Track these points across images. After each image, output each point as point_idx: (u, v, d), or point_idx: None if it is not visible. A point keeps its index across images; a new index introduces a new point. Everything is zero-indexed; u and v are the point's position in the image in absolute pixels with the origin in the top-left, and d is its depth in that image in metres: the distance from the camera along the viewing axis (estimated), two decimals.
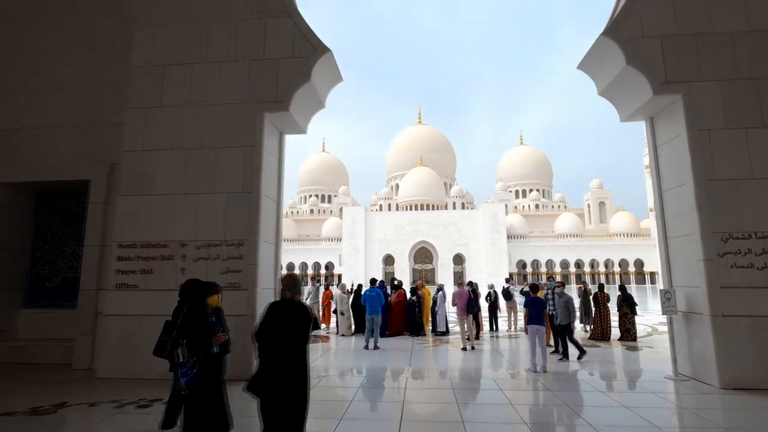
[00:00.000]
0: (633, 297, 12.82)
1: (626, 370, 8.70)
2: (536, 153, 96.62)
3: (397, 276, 74.29)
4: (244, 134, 7.88)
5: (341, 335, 13.09)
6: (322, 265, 76.30)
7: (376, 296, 10.68)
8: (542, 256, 75.53)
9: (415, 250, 75.30)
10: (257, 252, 7.52)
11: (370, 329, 10.51)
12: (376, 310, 10.52)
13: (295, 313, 3.81)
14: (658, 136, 8.22)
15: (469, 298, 10.72)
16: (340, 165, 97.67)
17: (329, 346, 11.70)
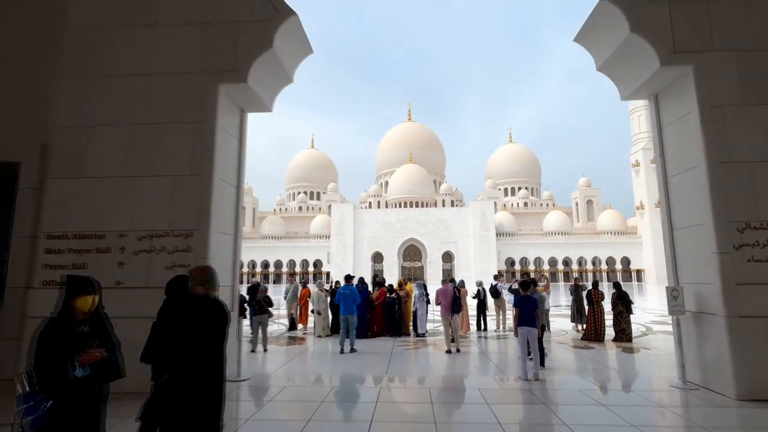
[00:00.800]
0: (628, 295, 11.98)
1: (627, 377, 7.77)
2: (525, 151, 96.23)
3: (386, 274, 73.48)
4: (195, 108, 6.80)
5: (318, 336, 12.08)
6: (311, 262, 75.04)
7: (351, 294, 9.63)
8: (531, 254, 75.17)
9: (404, 248, 74.43)
10: (208, 244, 6.46)
11: (344, 331, 9.48)
12: (351, 310, 9.49)
13: (205, 311, 3.04)
14: (664, 115, 7.31)
15: (454, 296, 9.75)
16: (329, 161, 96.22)
17: (303, 348, 10.67)
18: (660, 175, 7.34)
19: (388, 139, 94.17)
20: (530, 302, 7.37)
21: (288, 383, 7.14)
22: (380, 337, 11.96)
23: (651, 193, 70.07)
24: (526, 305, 7.33)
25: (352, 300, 9.61)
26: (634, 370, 8.30)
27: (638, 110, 72.21)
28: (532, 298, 7.47)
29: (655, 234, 69.15)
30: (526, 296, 7.47)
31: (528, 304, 7.34)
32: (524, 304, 7.36)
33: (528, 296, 7.47)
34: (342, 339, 9.46)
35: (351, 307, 9.50)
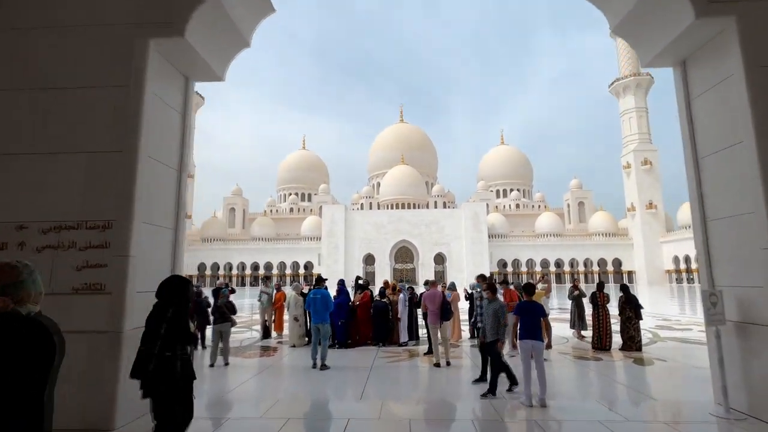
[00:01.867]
0: (637, 299, 10.70)
1: (653, 401, 6.38)
2: (517, 153, 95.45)
3: (377, 276, 71.96)
4: (119, 69, 5.38)
5: (292, 346, 10.65)
6: (301, 264, 73.38)
7: (322, 300, 8.19)
8: (523, 256, 74.17)
9: (396, 250, 73.08)
10: (130, 238, 5.04)
11: (315, 342, 8.07)
12: (323, 318, 8.06)
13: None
14: (694, 83, 6.02)
15: (444, 301, 8.39)
16: (320, 163, 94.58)
17: (271, 361, 9.24)
18: (689, 157, 6.04)
19: (380, 140, 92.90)
20: (534, 310, 6.03)
21: (232, 414, 5.72)
22: (363, 346, 10.58)
23: (642, 195, 69.46)
24: (529, 313, 5.98)
25: (323, 306, 8.19)
26: (658, 390, 6.95)
27: (629, 112, 71.68)
28: (537, 305, 6.13)
29: (646, 236, 68.52)
30: (530, 302, 6.13)
31: (532, 312, 6.00)
32: (527, 311, 6.01)
33: (532, 303, 6.13)
34: (312, 352, 8.04)
35: (322, 315, 8.08)
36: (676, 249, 65.19)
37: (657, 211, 68.82)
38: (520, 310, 6.07)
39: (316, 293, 8.22)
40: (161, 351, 3.48)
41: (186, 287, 3.81)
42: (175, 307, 3.65)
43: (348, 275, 70.67)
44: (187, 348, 3.74)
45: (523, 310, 6.06)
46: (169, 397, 3.52)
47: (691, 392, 6.49)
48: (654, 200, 69.24)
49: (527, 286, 6.44)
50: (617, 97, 74.08)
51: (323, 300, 8.12)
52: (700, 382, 7.08)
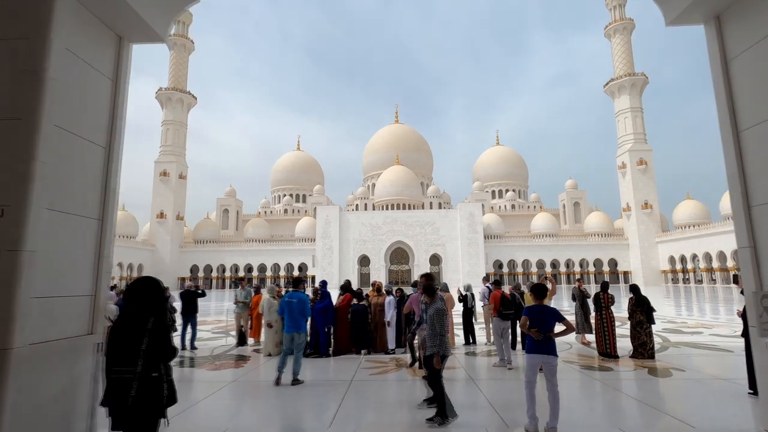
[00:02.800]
0: (649, 300, 9.62)
1: (686, 426, 5.22)
2: (512, 153, 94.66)
3: (373, 277, 70.75)
4: (21, 16, 4.25)
5: (267, 355, 9.50)
6: (296, 266, 72.13)
7: (298, 305, 7.02)
8: (519, 257, 73.24)
9: (391, 251, 71.98)
10: (25, 228, 3.89)
11: (286, 353, 6.92)
12: (297, 326, 6.91)
13: None
14: (731, 42, 4.95)
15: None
16: (315, 164, 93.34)
17: (238, 374, 8.08)
18: (726, 130, 4.96)
19: (375, 141, 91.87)
20: (547, 315, 4.90)
21: None
22: (347, 355, 9.45)
23: (637, 195, 68.73)
24: (540, 319, 4.87)
25: (299, 312, 7.04)
26: (687, 410, 5.81)
27: (624, 112, 71.02)
28: (550, 309, 5.01)
29: (642, 236, 67.76)
30: (540, 306, 5.02)
31: (543, 317, 4.88)
32: (538, 317, 4.90)
33: (543, 306, 5.02)
34: (280, 364, 6.85)
35: (297, 322, 6.93)
36: (671, 249, 64.47)
37: (652, 211, 68.10)
38: (532, 315, 4.95)
39: (292, 296, 7.05)
40: (145, 371, 2.97)
41: (164, 292, 3.38)
42: (156, 317, 3.17)
43: (342, 277, 69.37)
44: (170, 367, 3.25)
45: (533, 315, 4.93)
46: (153, 427, 3.02)
47: (725, 413, 5.40)
48: (649, 200, 68.54)
49: (536, 288, 5.29)
50: (612, 97, 73.42)
51: (300, 305, 6.96)
52: (730, 398, 6.01)
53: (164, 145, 69.40)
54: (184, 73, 71.73)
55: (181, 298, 10.98)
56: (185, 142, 71.16)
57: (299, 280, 7.32)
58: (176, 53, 71.10)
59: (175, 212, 68.24)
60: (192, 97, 71.79)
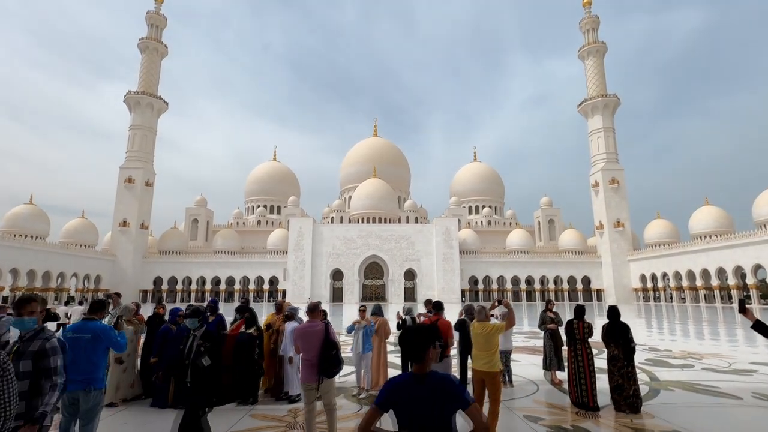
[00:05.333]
0: (629, 329, 7.21)
1: None
2: (489, 170, 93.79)
3: (346, 293, 67.49)
4: None
5: (110, 404, 6.59)
6: (266, 279, 68.46)
7: (91, 343, 4.28)
8: (494, 273, 71.39)
9: (365, 265, 69.16)
10: None
11: (68, 426, 4.18)
12: (88, 379, 4.11)
13: None
14: None
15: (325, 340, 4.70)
16: (291, 175, 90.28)
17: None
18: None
19: (353, 153, 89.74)
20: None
21: None
22: (227, 405, 6.72)
23: (610, 213, 68.11)
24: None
25: (89, 354, 4.25)
26: None
27: (597, 132, 70.87)
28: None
29: (614, 254, 66.85)
30: None
31: None
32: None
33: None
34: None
35: (87, 372, 4.15)
36: (642, 267, 63.66)
37: (624, 229, 67.46)
38: None
39: (82, 329, 4.29)
40: None
41: None
42: None
43: (314, 291, 66.07)
44: None
45: None
46: None
47: None
48: (621, 219, 67.95)
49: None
50: (586, 117, 73.38)
51: (92, 343, 4.22)
52: None
53: (131, 151, 65.55)
54: (156, 77, 68.48)
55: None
56: (153, 148, 67.49)
57: (100, 304, 4.54)
58: (148, 56, 67.89)
59: (140, 221, 64.11)
60: (163, 102, 68.41)
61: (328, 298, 65.48)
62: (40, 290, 50.50)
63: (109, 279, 61.21)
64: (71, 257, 55.51)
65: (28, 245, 50.15)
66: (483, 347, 5.64)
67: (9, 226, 53.17)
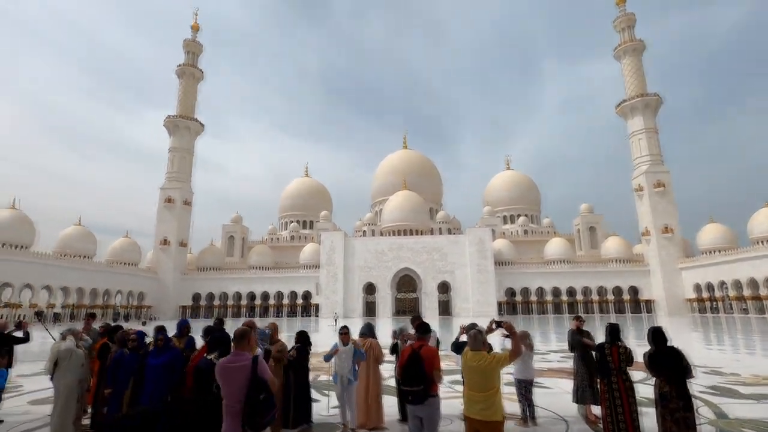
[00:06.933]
0: (682, 355, 5.44)
1: None
2: (524, 178, 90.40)
3: (379, 307, 65.84)
4: None
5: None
6: (299, 294, 68.32)
7: None
8: (532, 284, 67.85)
9: (398, 278, 67.64)
10: None
11: None
12: None
13: None
14: None
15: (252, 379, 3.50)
16: (323, 190, 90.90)
17: None
18: None
19: (384, 166, 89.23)
20: None
21: None
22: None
23: (657, 219, 63.33)
24: None
25: None
26: None
27: (638, 134, 66.61)
28: None
29: (663, 262, 61.81)
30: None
31: None
32: None
33: None
34: None
35: None
36: (697, 276, 58.30)
37: (673, 235, 62.42)
38: None
39: None
40: None
41: None
42: None
43: (347, 305, 65.10)
44: None
45: None
46: None
47: None
48: (670, 224, 62.99)
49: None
50: (625, 118, 69.34)
51: None
52: None
53: (170, 172, 68.07)
54: (192, 101, 71.19)
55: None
56: (191, 169, 69.80)
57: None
58: (185, 82, 70.80)
59: (179, 239, 66.01)
60: (199, 124, 70.87)
61: (361, 312, 64.37)
62: (88, 307, 52.50)
63: (152, 295, 63.07)
64: (116, 275, 57.65)
65: (77, 264, 52.46)
66: (478, 386, 4.24)
67: (60, 246, 56.00)
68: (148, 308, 61.87)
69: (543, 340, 22.08)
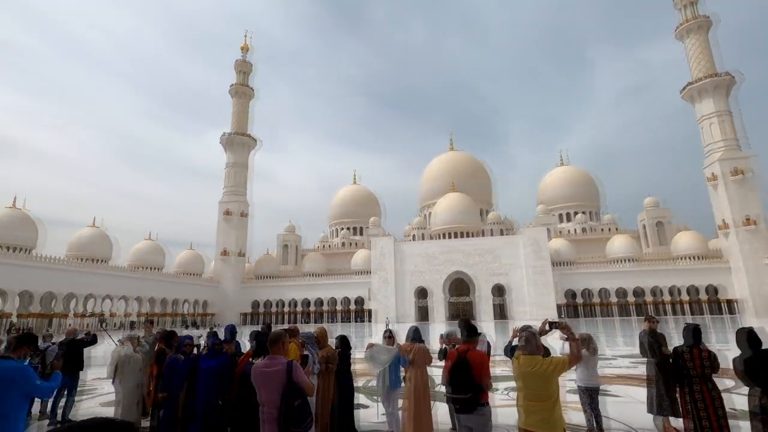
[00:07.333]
0: None
1: None
2: (580, 173, 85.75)
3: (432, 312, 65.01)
4: None
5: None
6: (352, 299, 69.14)
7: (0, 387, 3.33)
8: (594, 285, 63.89)
9: (450, 282, 66.47)
10: None
11: None
12: None
13: None
14: None
15: (288, 386, 3.35)
16: (372, 196, 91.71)
17: None
18: None
19: (431, 169, 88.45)
20: None
21: None
22: None
23: (735, 210, 57.33)
24: None
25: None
26: None
27: (709, 118, 60.89)
28: None
29: (747, 257, 55.69)
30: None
31: None
32: None
33: None
34: None
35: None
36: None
37: (758, 227, 56.15)
38: None
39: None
40: None
41: None
42: None
43: (399, 310, 64.88)
44: None
45: None
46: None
47: None
48: (752, 215, 56.79)
49: None
50: (692, 102, 63.77)
51: (1, 388, 3.30)
52: None
53: (227, 186, 71.82)
54: (245, 118, 74.81)
55: (60, 353, 7.98)
56: (246, 182, 73.21)
57: (23, 339, 3.71)
58: (238, 100, 74.63)
59: (238, 249, 69.31)
60: (252, 139, 74.30)
61: (414, 317, 63.87)
62: (159, 315, 56.44)
63: (215, 304, 66.63)
64: (182, 285, 61.58)
65: (148, 276, 56.76)
66: (535, 394, 3.83)
67: (134, 260, 60.88)
68: (212, 316, 65.36)
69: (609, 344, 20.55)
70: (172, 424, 6.00)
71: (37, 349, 7.15)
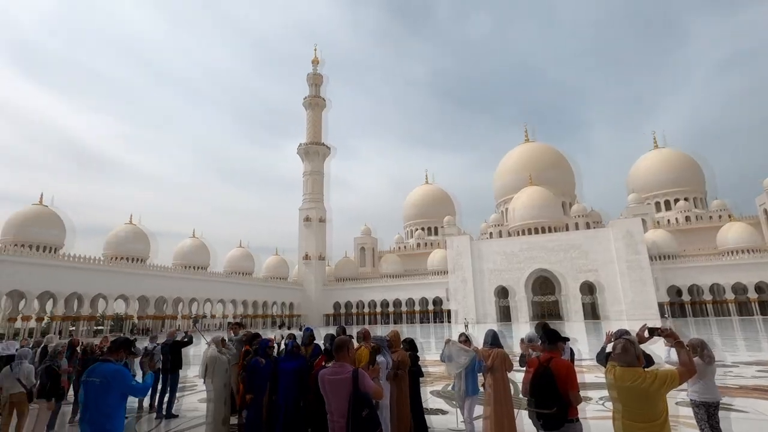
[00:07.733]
0: None
1: None
2: (679, 155, 76.58)
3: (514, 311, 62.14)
4: None
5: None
6: (430, 300, 68.65)
7: (101, 388, 3.53)
8: (704, 280, 56.50)
9: (532, 280, 63.13)
10: None
11: None
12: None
13: None
14: None
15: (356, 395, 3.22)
16: (445, 195, 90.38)
17: None
18: None
19: (506, 163, 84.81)
20: None
21: None
22: None
23: None
24: None
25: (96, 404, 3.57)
26: None
27: None
28: None
29: None
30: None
31: None
32: None
33: None
34: None
35: (98, 422, 3.38)
36: None
37: None
38: None
39: (91, 373, 3.65)
40: None
41: None
42: None
43: (479, 310, 63.03)
44: None
45: None
46: None
47: None
48: None
49: None
50: None
51: (102, 389, 3.50)
52: None
53: (306, 194, 75.50)
54: (319, 128, 78.11)
55: (162, 353, 8.77)
56: (323, 189, 76.33)
57: (121, 343, 3.99)
58: (311, 112, 78.20)
59: (318, 253, 72.47)
60: (326, 148, 77.34)
61: (495, 317, 61.63)
62: (251, 317, 60.98)
63: (300, 305, 70.34)
64: (271, 288, 65.97)
65: (241, 281, 61.71)
66: (638, 414, 3.26)
67: (228, 266, 66.59)
68: (299, 317, 69.05)
69: (727, 349, 17.86)
70: (256, 425, 6.23)
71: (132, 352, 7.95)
